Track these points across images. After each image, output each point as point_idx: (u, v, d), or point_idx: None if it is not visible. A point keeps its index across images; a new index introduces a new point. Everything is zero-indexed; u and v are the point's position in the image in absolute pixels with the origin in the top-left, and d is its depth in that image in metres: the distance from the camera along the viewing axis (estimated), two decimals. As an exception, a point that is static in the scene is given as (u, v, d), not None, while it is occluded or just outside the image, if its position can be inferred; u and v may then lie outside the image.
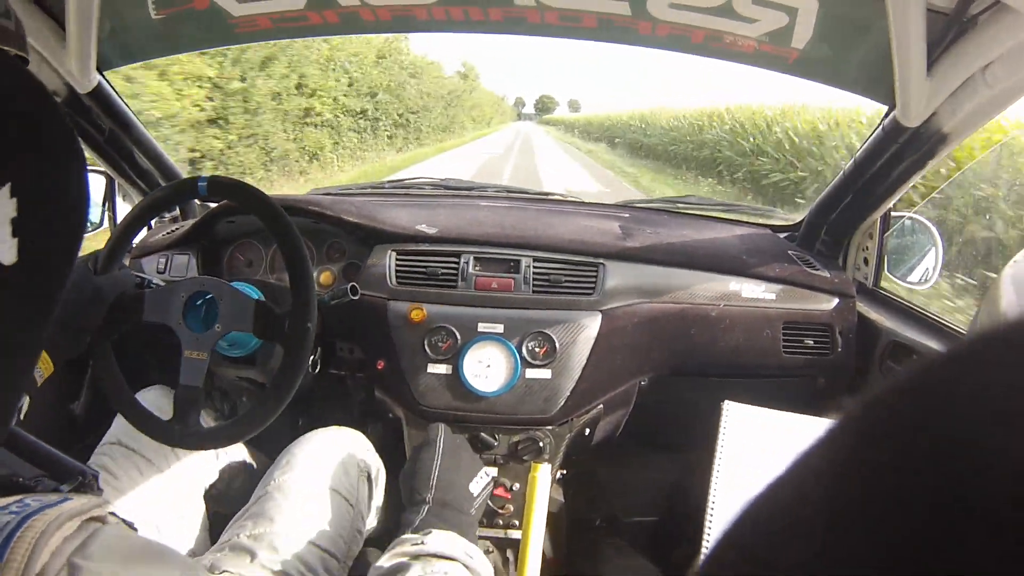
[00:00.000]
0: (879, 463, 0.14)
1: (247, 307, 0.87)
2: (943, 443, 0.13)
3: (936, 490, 0.13)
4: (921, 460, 0.13)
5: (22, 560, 0.35)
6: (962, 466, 0.13)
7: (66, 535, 0.37)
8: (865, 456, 0.15)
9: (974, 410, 0.13)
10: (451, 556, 0.69)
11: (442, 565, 0.67)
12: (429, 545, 0.69)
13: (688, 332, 1.12)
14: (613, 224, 1.24)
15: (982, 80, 0.86)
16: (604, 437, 1.18)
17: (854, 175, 1.14)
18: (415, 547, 0.69)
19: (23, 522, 0.36)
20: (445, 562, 0.68)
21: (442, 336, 1.06)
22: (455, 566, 0.68)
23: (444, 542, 0.71)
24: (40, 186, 0.35)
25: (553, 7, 1.06)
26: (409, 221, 1.17)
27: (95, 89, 1.10)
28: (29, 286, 0.35)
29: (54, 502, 0.39)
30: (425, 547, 0.69)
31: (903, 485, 0.13)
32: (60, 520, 0.37)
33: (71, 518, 0.38)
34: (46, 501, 0.39)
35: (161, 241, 1.21)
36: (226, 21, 1.10)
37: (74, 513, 0.38)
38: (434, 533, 0.72)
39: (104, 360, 0.90)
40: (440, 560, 0.68)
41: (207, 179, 0.89)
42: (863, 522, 0.13)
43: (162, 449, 0.95)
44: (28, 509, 0.37)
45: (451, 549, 0.70)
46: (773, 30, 0.99)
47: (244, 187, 0.89)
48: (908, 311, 1.13)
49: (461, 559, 0.70)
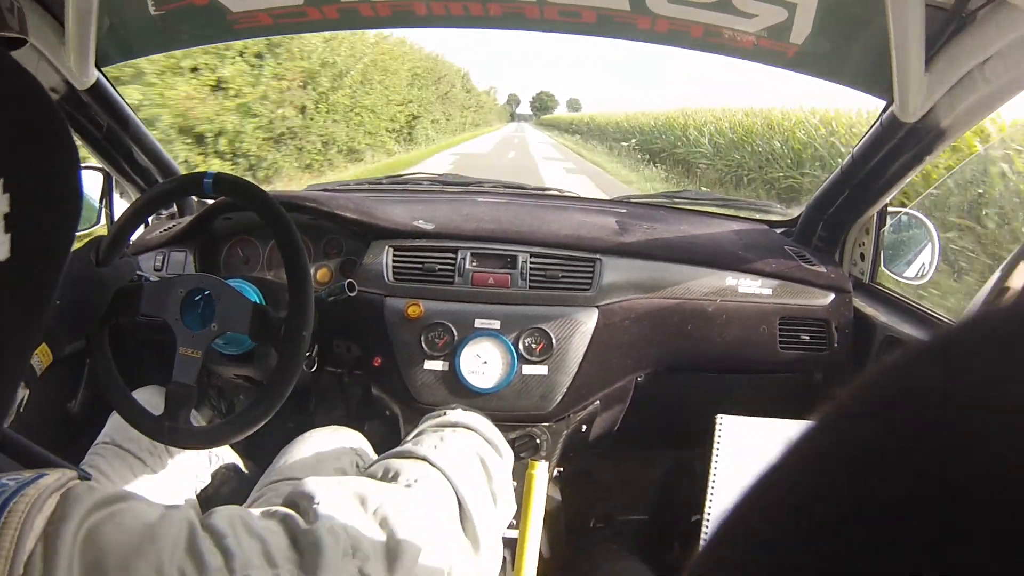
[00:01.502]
0: (864, 450, 0.14)
1: (244, 309, 0.86)
2: (927, 432, 0.13)
3: (920, 478, 0.13)
4: (904, 449, 0.13)
5: (10, 547, 0.34)
6: (944, 455, 0.13)
7: (46, 514, 0.36)
8: (851, 442, 0.15)
9: (955, 398, 0.13)
10: (469, 426, 0.72)
11: (460, 434, 0.70)
12: (450, 416, 0.72)
13: (685, 328, 1.12)
14: (610, 219, 1.24)
15: (980, 76, 0.85)
16: (601, 434, 1.18)
17: (852, 170, 1.14)
18: (437, 418, 0.72)
19: (4, 506, 0.35)
20: (463, 431, 0.70)
21: (439, 332, 1.06)
22: (472, 436, 0.70)
23: (465, 415, 0.74)
24: (33, 182, 0.35)
25: (553, 2, 1.06)
26: (406, 217, 1.17)
27: (94, 86, 1.09)
28: (22, 282, 0.35)
29: (30, 479, 0.38)
30: (447, 417, 0.72)
31: (886, 474, 0.13)
32: (41, 499, 0.36)
33: (51, 495, 0.37)
34: (22, 479, 0.38)
35: (158, 238, 1.21)
36: (225, 17, 1.10)
37: (52, 489, 0.37)
38: (458, 409, 0.75)
39: (100, 348, 0.90)
40: (459, 429, 0.70)
41: (214, 176, 0.88)
42: (848, 513, 0.14)
43: (156, 450, 0.95)
44: (6, 491, 0.36)
45: (473, 421, 0.73)
46: (772, 25, 0.99)
47: (249, 186, 0.89)
48: (904, 306, 1.13)
49: (481, 430, 0.72)
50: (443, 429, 0.71)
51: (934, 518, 0.12)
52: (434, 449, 0.67)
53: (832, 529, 0.14)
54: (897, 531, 0.13)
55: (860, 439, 0.14)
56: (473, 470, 0.68)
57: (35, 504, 0.36)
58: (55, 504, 0.37)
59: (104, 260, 0.87)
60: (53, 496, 0.37)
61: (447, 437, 0.70)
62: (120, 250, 0.91)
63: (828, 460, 0.15)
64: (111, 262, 0.88)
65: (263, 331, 0.86)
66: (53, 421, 1.18)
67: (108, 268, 0.87)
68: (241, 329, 0.86)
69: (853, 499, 0.14)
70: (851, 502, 0.14)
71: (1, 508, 0.35)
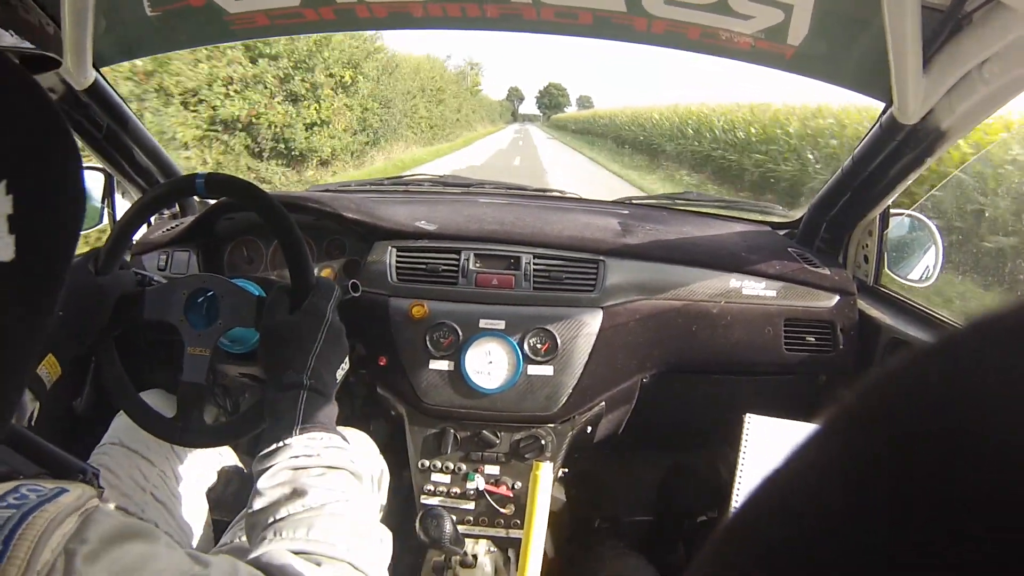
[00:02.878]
0: (870, 452, 0.14)
1: (248, 303, 0.86)
2: (930, 435, 0.13)
3: (924, 481, 0.13)
4: (908, 449, 0.13)
5: (24, 557, 0.35)
6: (948, 458, 0.13)
7: (65, 531, 0.37)
8: (857, 444, 0.15)
9: (960, 399, 0.13)
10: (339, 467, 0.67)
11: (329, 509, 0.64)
12: (324, 457, 0.66)
13: (690, 329, 1.11)
14: (612, 221, 1.24)
15: (979, 77, 0.85)
16: (606, 435, 1.18)
17: (853, 172, 1.15)
18: (309, 458, 0.66)
19: (24, 518, 0.37)
20: (336, 472, 0.66)
21: (444, 332, 1.05)
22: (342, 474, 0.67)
23: (335, 455, 0.68)
24: (36, 183, 0.35)
25: (549, 4, 1.06)
26: (408, 217, 1.17)
27: (92, 86, 1.09)
28: (28, 282, 0.36)
29: (50, 495, 0.39)
30: (320, 458, 0.66)
31: (890, 477, 0.13)
32: (60, 518, 0.38)
33: (70, 514, 0.39)
34: (43, 493, 0.39)
35: (162, 238, 1.21)
36: (222, 18, 1.10)
37: (72, 509, 0.39)
38: (324, 438, 0.68)
39: (107, 356, 0.89)
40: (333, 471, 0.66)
41: (204, 176, 0.87)
42: (854, 512, 0.14)
43: (162, 449, 0.95)
44: (27, 503, 0.38)
45: (339, 459, 0.67)
46: (769, 27, 0.99)
47: (241, 183, 0.88)
48: (909, 308, 1.13)
49: (349, 468, 0.68)
50: (306, 513, 0.63)
51: (937, 521, 0.12)
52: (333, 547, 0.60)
53: (836, 532, 0.14)
54: (901, 534, 0.13)
55: (864, 443, 0.15)
56: (369, 542, 0.64)
57: (54, 520, 0.37)
58: (75, 524, 0.38)
59: (103, 269, 0.87)
60: (72, 516, 0.39)
61: (316, 523, 0.61)
62: (119, 259, 0.90)
63: (832, 463, 0.15)
64: (110, 271, 0.88)
65: None
66: (59, 421, 1.18)
67: (108, 277, 0.87)
68: (247, 323, 0.86)
69: (857, 502, 0.14)
70: (855, 505, 0.14)
71: (20, 520, 0.36)
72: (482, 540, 1.08)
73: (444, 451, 1.06)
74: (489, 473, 1.08)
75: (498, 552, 1.09)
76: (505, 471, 1.08)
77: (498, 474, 1.08)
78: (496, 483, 1.07)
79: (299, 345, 0.75)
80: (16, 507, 0.37)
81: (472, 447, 1.07)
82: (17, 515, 0.37)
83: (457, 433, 1.07)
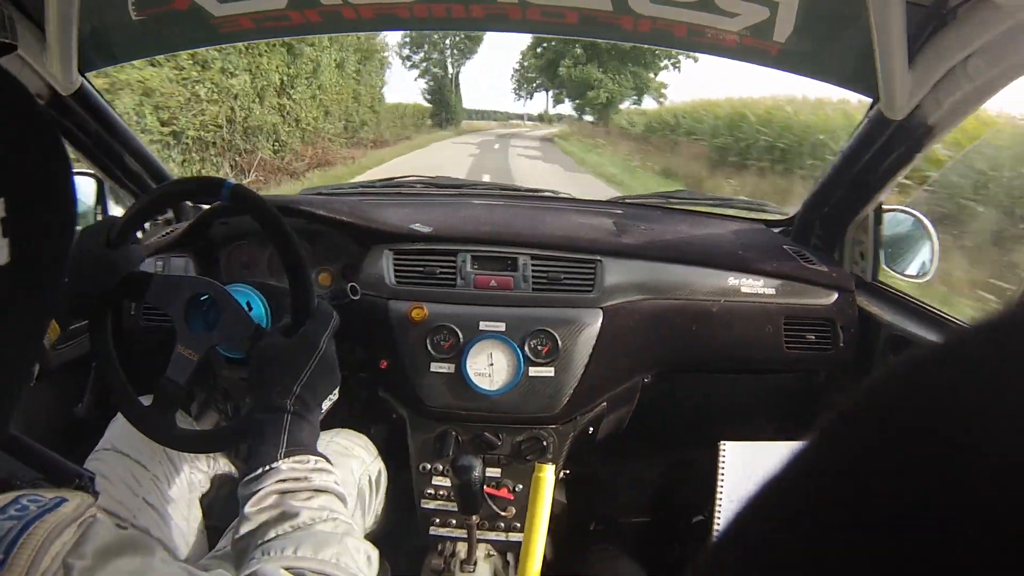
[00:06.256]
0: (873, 457, 0.14)
1: (246, 331, 0.84)
2: (930, 439, 0.13)
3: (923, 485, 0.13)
4: (914, 455, 0.13)
5: (24, 566, 0.36)
6: (948, 462, 0.13)
7: (65, 541, 0.38)
8: (859, 449, 0.15)
9: (960, 405, 0.13)
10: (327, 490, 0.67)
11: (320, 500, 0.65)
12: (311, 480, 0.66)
13: (690, 328, 1.11)
14: (607, 221, 1.24)
15: (964, 72, 0.86)
16: (608, 435, 1.18)
17: (843, 168, 1.15)
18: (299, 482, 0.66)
19: (25, 528, 0.38)
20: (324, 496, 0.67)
21: (444, 335, 1.05)
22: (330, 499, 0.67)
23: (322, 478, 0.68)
24: (28, 186, 0.36)
25: (535, 3, 1.06)
26: (403, 220, 1.16)
27: (78, 91, 1.08)
28: (23, 286, 0.36)
29: (50, 505, 0.40)
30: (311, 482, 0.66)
31: (890, 481, 0.13)
32: (59, 528, 0.39)
33: (69, 525, 0.40)
34: (43, 503, 0.40)
35: (156, 243, 1.20)
36: (208, 22, 1.10)
37: (71, 519, 0.40)
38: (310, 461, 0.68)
39: (99, 323, 0.87)
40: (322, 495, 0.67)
41: (232, 186, 0.83)
42: (851, 520, 0.14)
43: (155, 454, 0.93)
44: (27, 514, 0.39)
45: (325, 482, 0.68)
46: (754, 24, 1.00)
47: (265, 207, 0.85)
48: (908, 304, 1.13)
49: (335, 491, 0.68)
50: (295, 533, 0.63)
51: (937, 525, 0.12)
52: None
53: (835, 536, 0.14)
54: (900, 539, 0.13)
55: (864, 446, 0.14)
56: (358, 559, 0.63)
57: (54, 530, 0.39)
58: (73, 535, 0.40)
59: (116, 242, 0.84)
60: (71, 526, 0.40)
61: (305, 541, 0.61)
62: (132, 235, 0.88)
63: (832, 467, 0.15)
64: (122, 245, 0.85)
65: None
66: (59, 425, 1.17)
67: (119, 251, 0.85)
68: (240, 347, 0.85)
69: (856, 506, 0.14)
70: (854, 509, 0.14)
71: (21, 531, 0.37)
72: (482, 544, 1.07)
73: (445, 453, 1.06)
74: (490, 476, 1.07)
75: (497, 556, 1.09)
76: (506, 473, 1.07)
77: (499, 476, 1.07)
78: (497, 486, 1.06)
79: (288, 370, 0.75)
80: (18, 518, 0.38)
81: (473, 449, 1.06)
82: (18, 526, 0.38)
83: (459, 435, 1.06)
